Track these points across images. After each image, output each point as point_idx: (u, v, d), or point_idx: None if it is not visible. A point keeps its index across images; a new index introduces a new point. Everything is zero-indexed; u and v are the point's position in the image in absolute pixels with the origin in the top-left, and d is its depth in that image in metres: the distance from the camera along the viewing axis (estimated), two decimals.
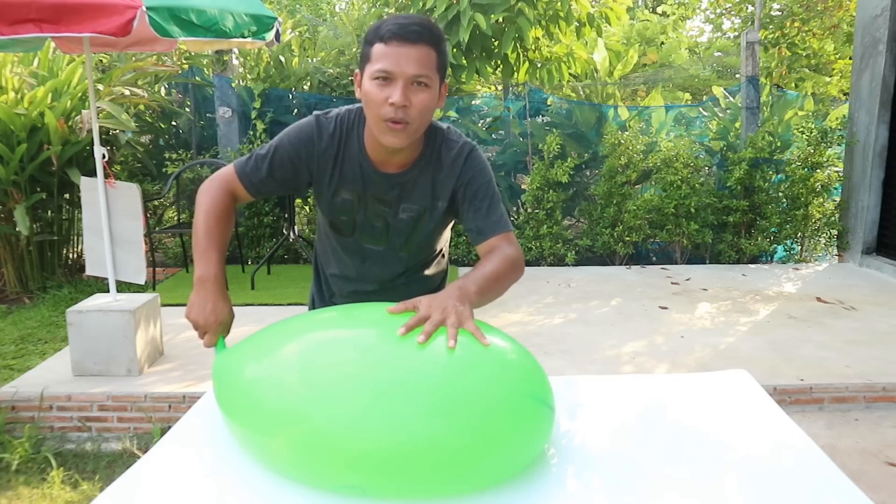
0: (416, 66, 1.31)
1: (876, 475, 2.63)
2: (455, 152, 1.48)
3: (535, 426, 1.11)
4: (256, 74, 5.92)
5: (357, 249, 1.59)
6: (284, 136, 1.49)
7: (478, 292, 1.29)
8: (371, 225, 1.54)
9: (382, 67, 1.31)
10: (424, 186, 1.49)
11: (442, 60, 1.37)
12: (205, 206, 1.47)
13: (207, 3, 2.99)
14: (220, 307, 1.34)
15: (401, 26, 1.31)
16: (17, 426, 3.04)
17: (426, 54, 1.33)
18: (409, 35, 1.31)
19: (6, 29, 2.61)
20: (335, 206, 1.53)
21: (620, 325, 4.08)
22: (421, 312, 1.17)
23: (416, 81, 1.32)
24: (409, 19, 1.34)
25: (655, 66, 9.78)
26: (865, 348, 3.63)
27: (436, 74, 1.36)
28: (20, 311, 4.60)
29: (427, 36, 1.33)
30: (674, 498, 1.08)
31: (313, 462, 1.06)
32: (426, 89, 1.34)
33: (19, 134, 4.52)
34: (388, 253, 1.57)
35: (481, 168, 1.49)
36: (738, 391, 1.48)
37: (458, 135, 1.52)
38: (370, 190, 1.49)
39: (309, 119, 1.49)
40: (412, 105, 1.33)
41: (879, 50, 5.38)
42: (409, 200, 1.50)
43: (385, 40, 1.32)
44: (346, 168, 1.48)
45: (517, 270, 1.43)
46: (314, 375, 1.10)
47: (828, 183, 5.64)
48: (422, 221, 1.53)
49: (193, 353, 3.58)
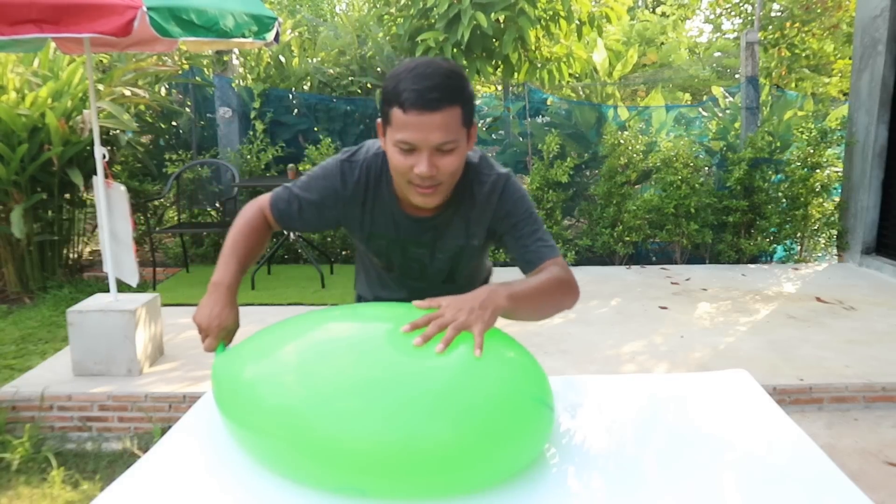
0: (439, 134, 1.23)
1: (875, 475, 2.63)
2: (488, 188, 1.41)
3: (535, 427, 1.11)
4: (257, 74, 5.93)
5: (401, 284, 1.59)
6: (311, 181, 1.45)
7: (511, 298, 1.23)
8: (409, 266, 1.53)
9: (404, 139, 1.24)
10: (458, 226, 1.44)
11: (468, 110, 1.28)
12: (238, 222, 1.49)
13: (208, 3, 2.99)
14: (226, 314, 1.34)
15: (419, 93, 1.20)
16: (18, 426, 3.04)
17: (449, 117, 1.23)
18: (428, 104, 1.20)
19: (6, 29, 2.60)
20: (371, 248, 1.51)
21: (620, 325, 4.09)
22: (445, 317, 1.14)
23: (441, 149, 1.25)
24: (427, 79, 1.22)
25: (655, 66, 9.78)
26: (865, 348, 3.64)
27: (462, 130, 1.27)
28: (21, 311, 4.60)
29: (448, 96, 1.22)
30: (674, 498, 1.08)
31: (312, 463, 1.06)
32: (453, 151, 1.26)
33: (20, 134, 4.52)
34: (430, 288, 1.50)
35: (517, 199, 1.42)
36: (738, 391, 1.48)
37: (491, 167, 1.44)
38: (403, 234, 1.46)
39: (333, 165, 1.44)
40: (440, 169, 1.26)
41: (879, 50, 5.38)
42: (444, 241, 1.46)
43: (404, 108, 1.22)
44: (376, 214, 1.44)
45: (566, 291, 1.37)
46: (313, 376, 1.10)
47: (827, 183, 5.64)
48: (460, 260, 1.50)
49: (194, 353, 3.59)
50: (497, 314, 1.20)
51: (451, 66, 1.27)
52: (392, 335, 1.15)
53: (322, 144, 5.65)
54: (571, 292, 1.39)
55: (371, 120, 5.95)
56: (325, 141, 5.66)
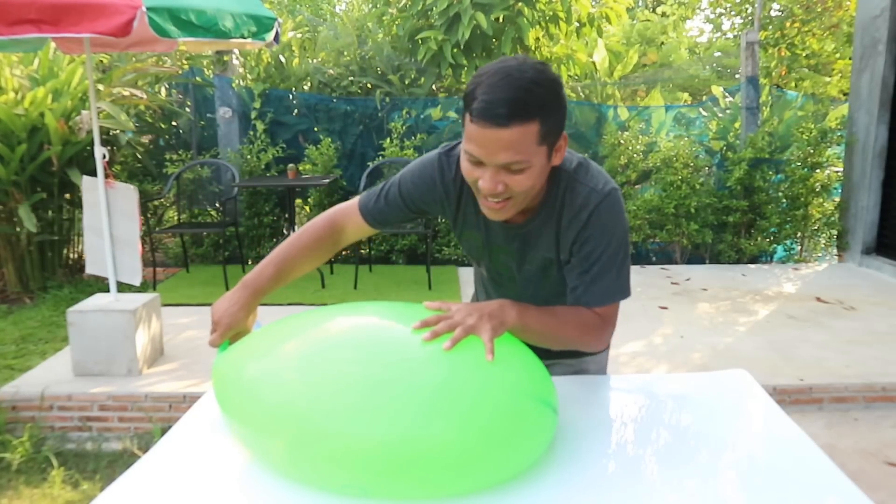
0: (505, 154, 1.12)
1: (875, 475, 2.63)
2: (580, 202, 1.27)
3: (538, 428, 1.11)
4: (257, 75, 5.92)
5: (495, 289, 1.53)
6: (408, 175, 1.40)
7: (520, 317, 1.19)
8: (498, 273, 1.47)
9: (470, 151, 1.15)
10: (548, 238, 1.33)
11: (549, 125, 1.14)
12: (298, 231, 1.45)
13: (207, 4, 2.99)
14: (241, 316, 1.33)
15: (488, 105, 1.09)
16: (18, 426, 3.04)
17: (520, 135, 1.11)
18: (496, 119, 1.09)
19: (5, 29, 2.60)
20: (464, 246, 1.48)
21: (620, 325, 4.03)
22: (455, 318, 1.13)
23: (509, 168, 1.15)
24: (502, 91, 1.10)
25: (655, 66, 9.78)
26: (865, 348, 3.63)
27: (537, 149, 1.15)
28: (21, 311, 4.60)
29: (520, 112, 1.09)
30: (674, 498, 1.08)
31: (314, 461, 1.06)
32: (523, 171, 1.15)
33: (19, 134, 4.52)
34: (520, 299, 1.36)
35: (605, 226, 1.27)
36: (738, 391, 1.48)
37: (590, 176, 1.30)
38: (492, 239, 1.40)
39: (432, 158, 1.38)
40: (508, 186, 1.16)
41: (879, 50, 5.38)
42: (533, 252, 1.37)
43: (473, 117, 1.12)
44: (468, 213, 1.38)
45: (586, 332, 1.30)
46: (316, 374, 1.09)
47: (827, 183, 5.64)
48: (549, 273, 1.40)
49: (194, 353, 3.59)
50: (505, 327, 1.18)
51: (536, 75, 1.12)
52: (395, 334, 1.14)
53: (322, 145, 5.65)
54: (591, 335, 1.32)
55: (371, 120, 5.94)
56: (325, 141, 5.66)
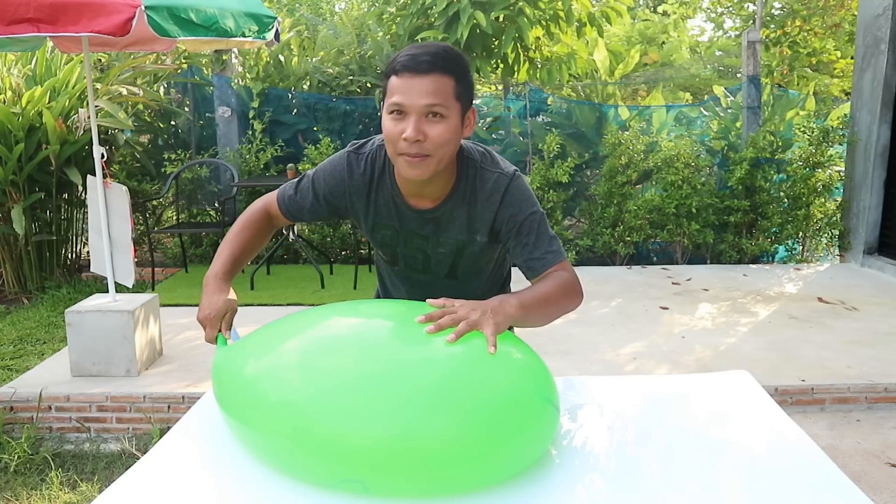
0: (427, 96, 1.25)
1: (878, 476, 2.62)
2: (491, 186, 1.40)
3: (540, 425, 1.11)
4: (256, 74, 5.92)
5: (404, 277, 1.60)
6: (320, 172, 1.49)
7: (521, 307, 1.25)
8: (412, 257, 1.53)
9: (394, 101, 1.27)
10: (460, 221, 1.44)
11: (463, 87, 1.30)
12: (239, 218, 1.55)
13: (207, 3, 2.98)
14: (215, 300, 1.38)
15: (412, 57, 1.26)
16: (16, 427, 3.03)
17: (440, 83, 1.26)
18: (419, 66, 1.25)
19: (3, 28, 2.60)
20: (376, 240, 1.53)
21: (621, 326, 4.07)
22: (459, 313, 1.16)
23: (430, 112, 1.26)
24: (424, 48, 1.28)
25: (656, 65, 9.76)
26: (867, 349, 3.62)
27: (454, 103, 1.29)
28: (18, 312, 4.59)
29: (441, 64, 1.26)
30: (674, 498, 1.07)
31: (314, 459, 1.05)
32: (442, 120, 1.27)
33: (17, 133, 4.51)
34: (434, 280, 1.54)
35: (522, 200, 1.41)
36: (739, 392, 1.47)
37: (495, 163, 1.44)
38: (406, 225, 1.47)
39: (341, 156, 1.47)
40: (428, 138, 1.27)
41: (881, 49, 5.36)
42: (446, 234, 1.46)
43: (398, 72, 1.27)
44: (380, 205, 1.46)
45: (571, 295, 1.37)
46: (316, 371, 1.09)
47: (829, 183, 5.63)
48: (462, 254, 1.49)
49: (193, 353, 3.57)
50: (508, 322, 1.22)
51: (451, 47, 1.32)
52: (396, 331, 1.15)
53: (321, 144, 5.64)
54: (576, 296, 1.38)
55: (370, 119, 5.94)
56: (324, 140, 5.65)
